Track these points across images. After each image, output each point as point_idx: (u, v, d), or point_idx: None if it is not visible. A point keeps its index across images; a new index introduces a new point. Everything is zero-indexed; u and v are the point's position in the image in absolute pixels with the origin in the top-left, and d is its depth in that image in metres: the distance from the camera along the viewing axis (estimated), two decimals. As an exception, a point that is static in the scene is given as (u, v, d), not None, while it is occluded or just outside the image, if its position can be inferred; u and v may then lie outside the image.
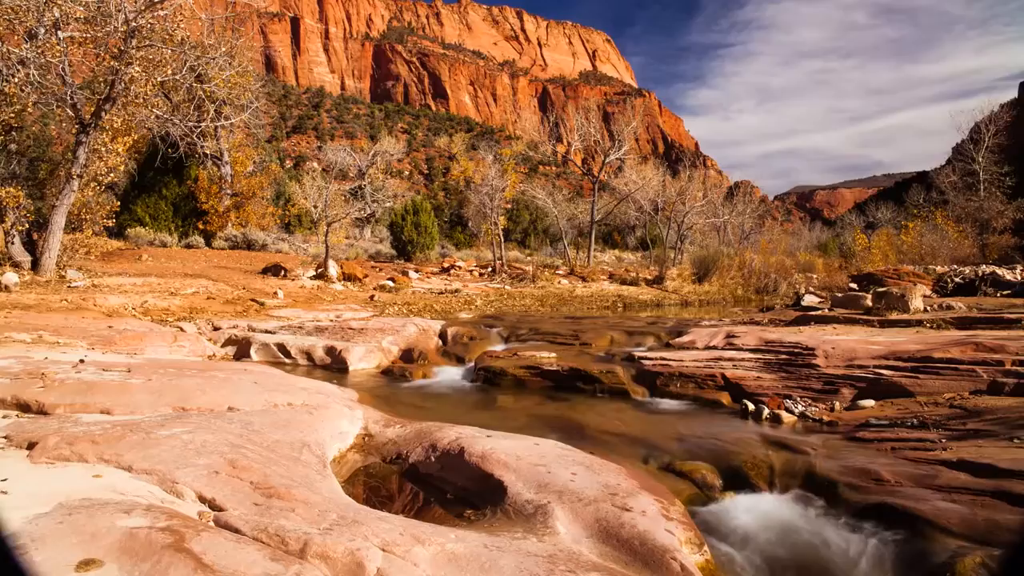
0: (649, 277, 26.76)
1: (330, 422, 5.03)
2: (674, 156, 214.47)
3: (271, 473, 3.50)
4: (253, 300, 14.40)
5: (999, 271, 17.39)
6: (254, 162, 30.96)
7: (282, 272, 19.61)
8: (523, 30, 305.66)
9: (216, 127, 26.17)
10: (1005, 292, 13.65)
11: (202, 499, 3.09)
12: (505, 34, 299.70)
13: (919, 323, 8.62)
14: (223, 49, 21.82)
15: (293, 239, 31.02)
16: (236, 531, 2.65)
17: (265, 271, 19.80)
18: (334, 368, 8.81)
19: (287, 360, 9.17)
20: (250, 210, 29.47)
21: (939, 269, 19.42)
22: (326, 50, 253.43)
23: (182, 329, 10.14)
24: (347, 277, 20.43)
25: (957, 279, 16.15)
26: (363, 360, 8.94)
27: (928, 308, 10.12)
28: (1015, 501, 3.37)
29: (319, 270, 20.37)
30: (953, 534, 3.19)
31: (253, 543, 2.51)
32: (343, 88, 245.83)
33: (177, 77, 16.83)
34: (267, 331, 10.44)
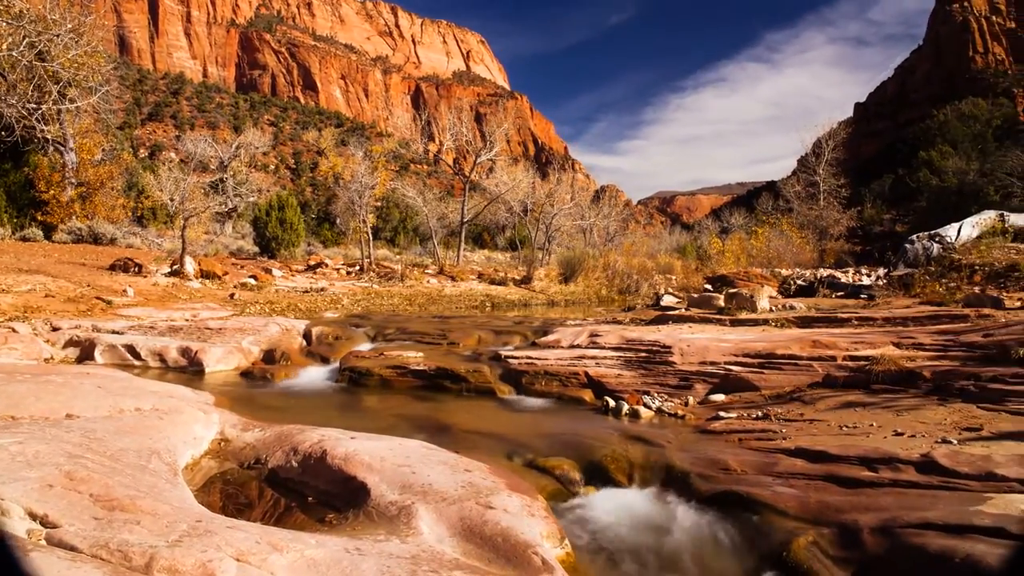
0: (517, 277, 27.14)
1: (183, 427, 4.75)
2: (544, 159, 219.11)
3: (114, 484, 3.25)
4: (99, 298, 13.37)
5: (836, 274, 18.93)
6: (103, 150, 28.78)
7: (133, 268, 18.36)
8: (397, 26, 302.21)
9: (59, 110, 24.14)
10: (839, 293, 14.86)
11: (33, 516, 2.80)
12: (379, 29, 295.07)
13: (765, 322, 9.23)
14: (69, 25, 20.15)
15: (146, 233, 29.17)
16: (72, 548, 2.43)
17: (114, 267, 18.45)
18: (189, 370, 8.35)
19: (137, 362, 8.59)
20: (98, 201, 27.35)
21: (784, 272, 20.92)
22: (187, 34, 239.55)
23: (14, 330, 9.23)
24: (206, 274, 19.42)
25: (799, 281, 17.44)
26: (221, 361, 8.54)
27: (774, 308, 10.86)
28: (843, 483, 3.69)
29: (175, 267, 19.25)
30: (790, 516, 3.43)
31: (91, 560, 2.31)
32: (205, 75, 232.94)
33: (14, 53, 15.36)
34: (115, 332, 9.74)
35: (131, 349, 8.78)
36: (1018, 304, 8.94)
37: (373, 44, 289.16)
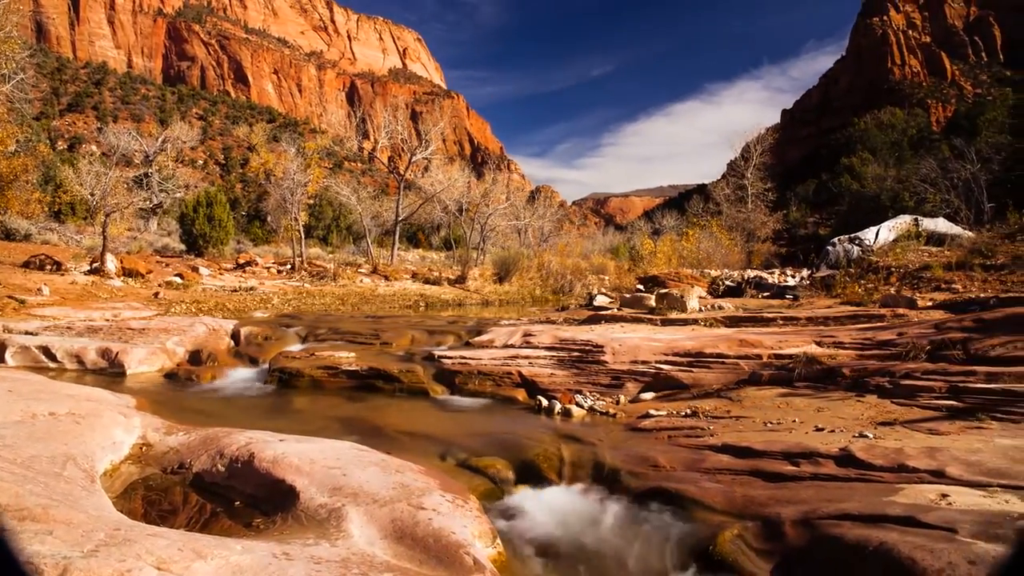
0: (452, 277, 27.08)
1: (102, 432, 4.56)
2: (480, 159, 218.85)
3: (25, 492, 3.09)
4: (11, 297, 12.75)
5: (763, 275, 19.49)
6: (17, 141, 27.34)
7: (50, 266, 17.60)
8: (332, 21, 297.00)
9: (-33, 98, 22.82)
10: (766, 294, 15.32)
11: (-69, 526, 2.65)
12: (313, 24, 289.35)
13: (695, 322, 9.45)
14: (-22, 10, 19.08)
15: (64, 229, 28.01)
16: (-25, 561, 2.30)
17: (28, 264, 17.63)
18: (110, 372, 8.07)
19: (52, 365, 8.25)
20: (11, 195, 25.96)
21: (713, 273, 21.43)
22: (111, 22, 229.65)
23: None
24: (128, 272, 18.75)
25: (728, 282, 17.90)
26: (144, 363, 8.28)
27: (703, 308, 11.11)
28: (767, 478, 3.80)
29: (95, 264, 18.52)
30: (717, 511, 3.52)
31: (-3, 573, 2.19)
32: (130, 66, 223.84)
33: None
34: (28, 332, 9.32)
35: (46, 350, 8.41)
36: (930, 304, 9.38)
37: (307, 39, 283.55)
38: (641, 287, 17.25)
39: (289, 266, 26.19)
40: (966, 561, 2.40)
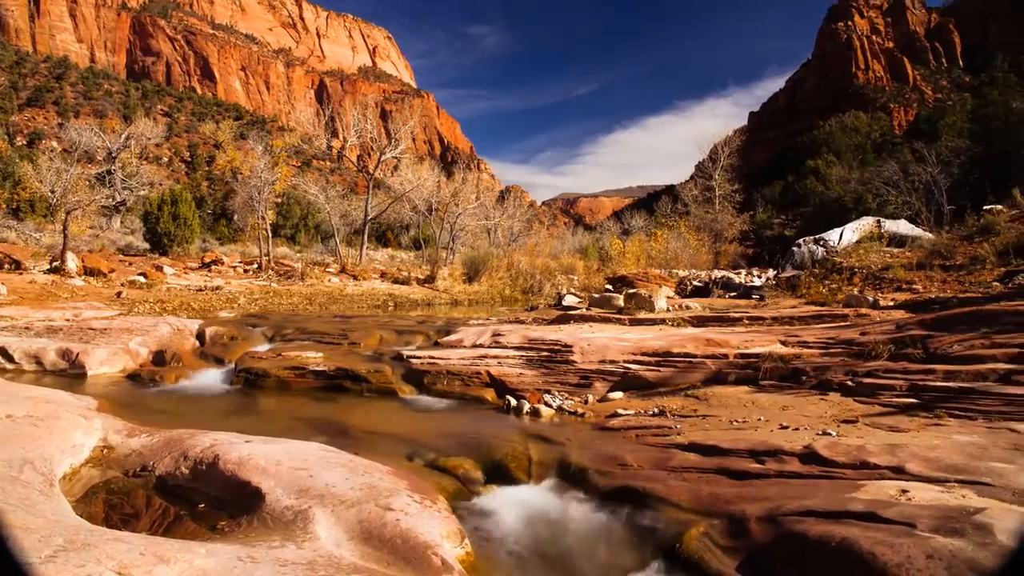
0: (421, 276, 26.97)
1: (60, 434, 4.46)
2: (450, 158, 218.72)
3: (-21, 496, 3.02)
4: (-33, 295, 12.43)
5: (730, 275, 19.72)
6: (-27, 136, 26.74)
7: (8, 264, 17.20)
8: (301, 18, 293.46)
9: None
10: (733, 294, 15.50)
11: None
12: (282, 20, 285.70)
13: (663, 321, 9.52)
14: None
15: (23, 227, 27.33)
16: (-74, 569, 2.23)
17: (-16, 262, 17.20)
18: (70, 374, 7.91)
19: (10, 366, 8.08)
20: (-34, 192, 25.41)
21: (681, 273, 21.66)
22: (73, 16, 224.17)
23: None
24: (90, 271, 18.38)
25: (695, 282, 18.09)
26: (106, 364, 8.13)
27: (671, 308, 11.21)
28: (733, 476, 3.85)
29: (55, 263, 18.14)
30: (683, 509, 3.56)
31: (-52, 581, 2.13)
32: (93, 60, 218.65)
33: None
34: (-16, 332, 9.07)
35: (3, 351, 8.23)
36: (891, 304, 9.56)
37: (275, 35, 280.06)
38: (610, 287, 17.34)
39: (256, 265, 25.88)
40: (924, 555, 2.45)
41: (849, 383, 5.46)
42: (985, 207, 15.19)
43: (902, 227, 17.42)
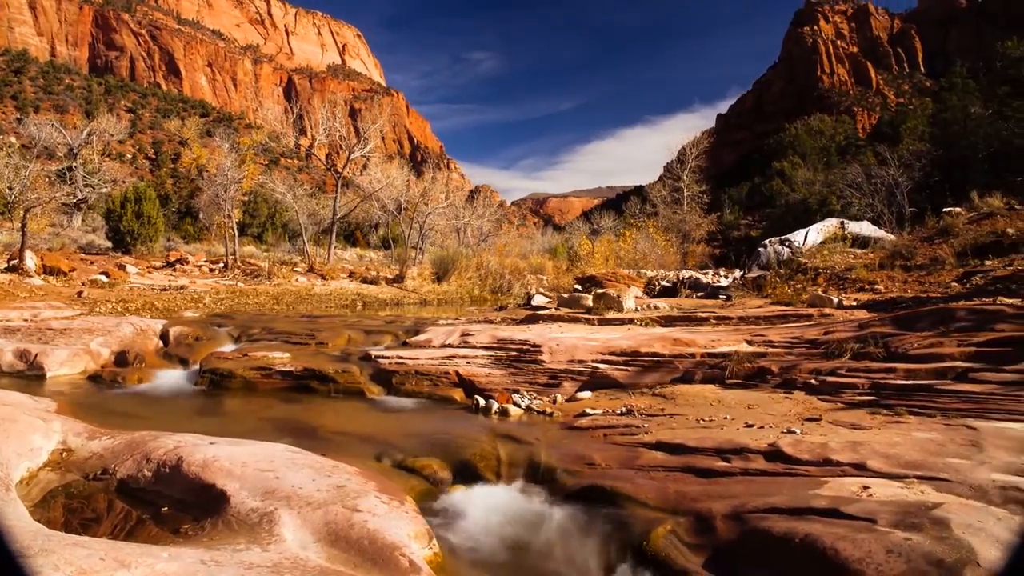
0: (390, 276, 26.82)
1: (17, 437, 4.35)
2: (419, 157, 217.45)
3: (-70, 501, 2.93)
4: (-80, 294, 12.08)
5: (697, 275, 19.92)
6: (-73, 130, 26.00)
7: (-37, 262, 16.73)
8: (270, 14, 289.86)
9: None
10: (700, 294, 15.68)
11: None
12: (250, 17, 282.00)
13: (631, 321, 9.58)
14: None
15: (-21, 225, 26.61)
16: None
17: (-61, 260, 16.73)
18: (28, 375, 7.75)
19: (-36, 366, 7.84)
20: (-80, 187, 24.67)
21: (649, 273, 21.83)
22: (33, 8, 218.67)
23: None
24: (49, 270, 17.98)
25: (663, 282, 18.25)
26: (66, 364, 7.97)
27: (639, 308, 11.29)
28: (699, 474, 3.89)
29: (12, 262, 17.71)
30: (650, 507, 3.58)
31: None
32: (54, 54, 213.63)
33: None
34: (-63, 332, 8.83)
35: (-42, 352, 7.99)
36: (854, 303, 9.75)
37: (243, 32, 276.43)
38: (579, 287, 17.41)
39: (222, 264, 25.53)
40: (884, 550, 2.50)
41: (813, 382, 5.55)
42: (945, 209, 15.56)
43: (865, 228, 17.76)
